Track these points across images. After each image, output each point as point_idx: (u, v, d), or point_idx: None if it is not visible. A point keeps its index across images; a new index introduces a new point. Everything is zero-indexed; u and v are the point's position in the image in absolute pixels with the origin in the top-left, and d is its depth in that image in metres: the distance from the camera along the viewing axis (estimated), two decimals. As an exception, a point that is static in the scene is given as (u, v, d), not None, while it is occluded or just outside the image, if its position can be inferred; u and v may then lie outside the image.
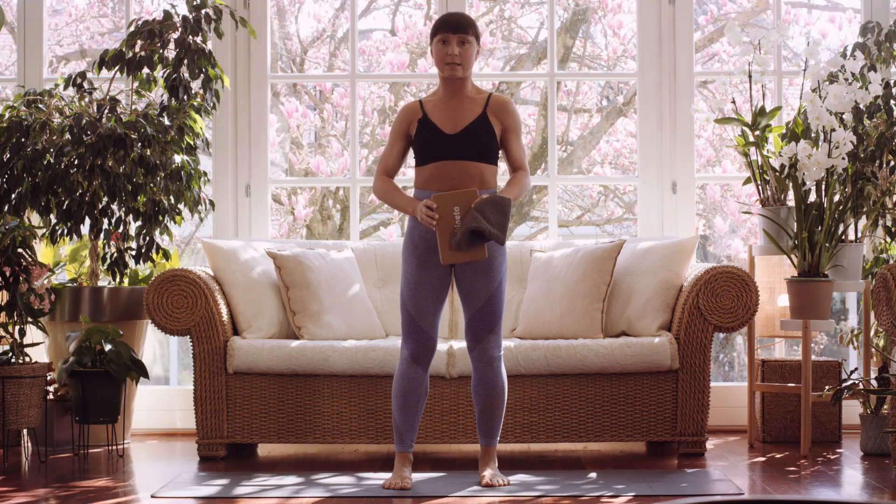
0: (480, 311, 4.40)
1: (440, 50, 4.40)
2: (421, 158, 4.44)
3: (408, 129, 4.49)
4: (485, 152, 4.40)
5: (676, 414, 5.02)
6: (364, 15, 8.51)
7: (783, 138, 5.43)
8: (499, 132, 4.45)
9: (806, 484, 4.45)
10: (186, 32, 5.57)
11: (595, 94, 8.70)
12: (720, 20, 8.35)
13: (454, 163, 4.38)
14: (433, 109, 4.46)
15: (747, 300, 5.04)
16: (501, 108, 4.45)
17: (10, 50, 8.48)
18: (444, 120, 4.43)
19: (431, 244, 4.40)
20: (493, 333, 4.43)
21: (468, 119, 4.42)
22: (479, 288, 4.39)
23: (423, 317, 4.40)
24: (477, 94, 4.48)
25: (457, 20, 4.41)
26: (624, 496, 4.21)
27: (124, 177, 5.48)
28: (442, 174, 4.39)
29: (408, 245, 4.45)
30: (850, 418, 5.78)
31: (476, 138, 4.39)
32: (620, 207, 8.64)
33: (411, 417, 4.45)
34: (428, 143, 4.41)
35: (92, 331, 5.14)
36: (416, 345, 4.41)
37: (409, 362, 4.43)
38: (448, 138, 4.39)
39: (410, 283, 4.42)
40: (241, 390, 5.06)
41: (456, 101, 4.45)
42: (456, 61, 4.38)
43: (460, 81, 4.44)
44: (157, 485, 4.49)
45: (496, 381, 4.45)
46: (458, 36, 4.39)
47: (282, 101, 8.30)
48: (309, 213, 8.09)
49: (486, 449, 4.52)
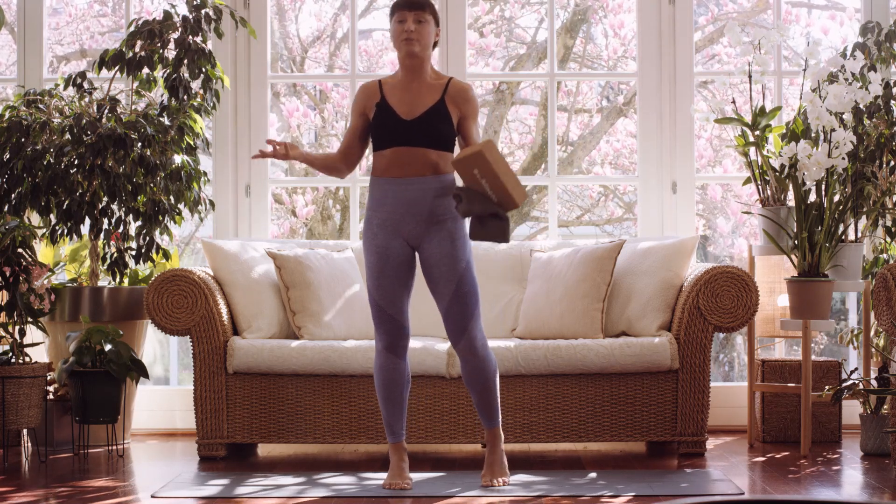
0: (454, 297, 4.34)
1: (397, 28, 4.38)
2: (377, 143, 4.41)
3: (364, 109, 4.47)
4: (440, 139, 4.37)
5: (676, 414, 5.02)
6: (364, 15, 8.51)
7: (783, 138, 5.43)
8: (456, 119, 4.42)
9: (806, 484, 4.45)
10: (186, 32, 5.57)
11: (595, 94, 8.70)
12: (720, 20, 8.35)
13: (410, 149, 4.36)
14: (391, 92, 4.43)
15: (747, 300, 5.04)
16: (460, 95, 4.42)
17: (10, 50, 8.48)
18: (402, 104, 4.40)
19: (389, 229, 4.36)
20: (473, 318, 4.36)
21: (426, 105, 4.39)
22: (447, 270, 4.34)
23: (391, 304, 4.37)
24: (436, 80, 4.44)
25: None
26: (624, 496, 4.21)
27: (124, 177, 5.48)
28: (398, 160, 4.36)
29: (367, 234, 4.42)
30: (850, 418, 5.78)
31: (432, 125, 4.36)
32: (620, 207, 8.64)
33: (397, 408, 4.43)
34: (384, 127, 4.38)
35: (92, 331, 5.14)
36: (388, 334, 4.39)
37: (385, 353, 4.41)
38: (404, 124, 4.37)
39: (374, 271, 4.38)
40: (241, 390, 5.06)
41: (415, 86, 4.42)
42: (412, 36, 4.35)
43: (419, 63, 4.40)
44: (157, 485, 4.49)
45: (487, 367, 4.41)
46: (415, 13, 4.37)
47: (282, 100, 8.30)
48: (310, 211, 8.09)
49: (490, 432, 4.50)
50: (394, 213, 4.36)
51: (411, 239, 4.37)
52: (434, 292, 4.39)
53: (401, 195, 4.35)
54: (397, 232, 4.36)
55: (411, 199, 4.34)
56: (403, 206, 4.35)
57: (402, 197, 4.35)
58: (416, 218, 4.35)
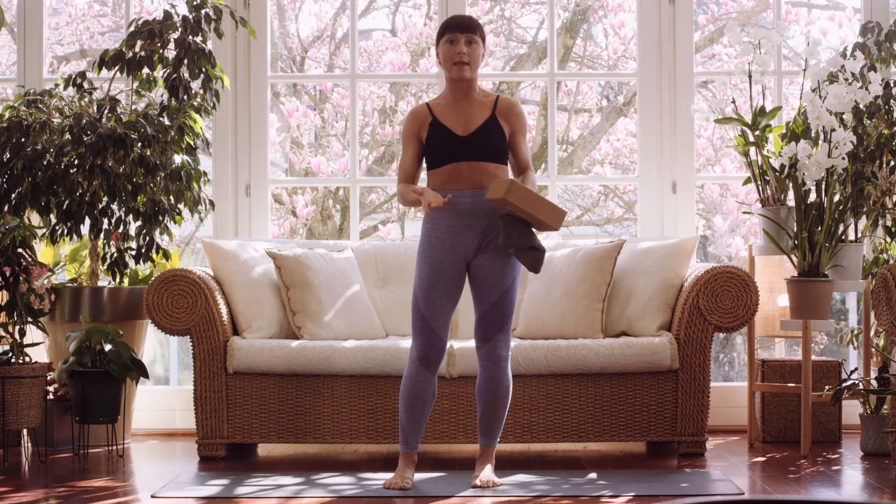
0: (492, 307, 4.39)
1: (448, 50, 4.40)
2: (434, 161, 4.43)
3: (418, 133, 4.48)
4: (497, 153, 4.41)
5: (676, 414, 5.02)
6: (364, 15, 8.51)
7: (783, 138, 5.43)
8: (507, 134, 4.46)
9: (806, 484, 4.45)
10: (186, 32, 5.57)
11: (595, 93, 8.70)
12: (720, 20, 8.35)
13: (468, 164, 4.39)
14: (442, 112, 4.46)
15: (747, 300, 5.04)
16: (510, 111, 4.46)
17: (10, 50, 8.48)
18: (455, 122, 4.43)
19: (447, 245, 4.39)
20: (503, 332, 4.42)
21: (479, 121, 4.42)
22: (493, 284, 4.38)
23: (436, 318, 4.39)
24: (485, 97, 4.48)
25: (464, 20, 4.42)
26: (624, 496, 4.21)
27: (124, 177, 5.48)
28: (457, 175, 4.39)
29: (424, 245, 4.43)
30: (850, 418, 5.78)
31: (488, 139, 4.40)
32: (620, 207, 8.64)
33: (417, 420, 4.44)
34: (441, 145, 4.41)
35: (92, 331, 5.14)
36: (426, 346, 4.40)
37: (418, 364, 4.41)
38: (461, 140, 4.40)
39: (425, 283, 4.40)
40: (241, 390, 5.06)
41: (465, 104, 4.45)
42: (464, 60, 4.38)
43: (468, 83, 4.43)
44: (157, 485, 4.49)
45: (502, 381, 4.44)
46: (466, 35, 4.39)
47: (282, 100, 8.30)
48: (310, 211, 8.09)
49: (484, 449, 4.51)
50: (453, 227, 4.38)
51: (467, 253, 4.40)
52: (474, 297, 4.44)
53: (460, 207, 4.37)
54: (454, 248, 4.39)
55: (470, 210, 4.37)
56: (462, 217, 4.38)
57: (461, 209, 4.37)
58: (474, 230, 4.38)
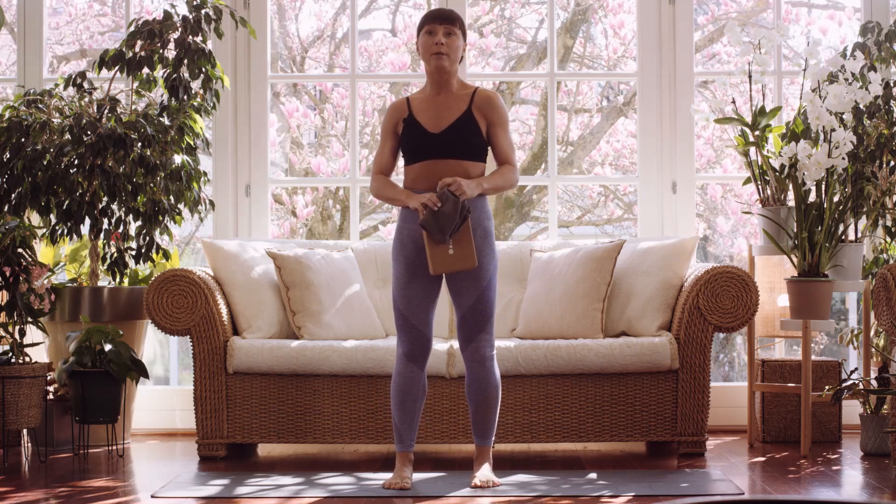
0: (471, 309, 4.39)
1: (426, 41, 4.40)
2: (407, 157, 4.45)
3: (395, 128, 4.49)
4: (469, 150, 4.39)
5: (676, 414, 5.02)
6: (364, 15, 8.51)
7: (783, 138, 5.43)
8: (484, 127, 4.43)
9: (806, 484, 4.45)
10: (186, 32, 5.57)
11: (595, 94, 8.70)
12: (720, 20, 8.34)
13: (440, 161, 4.38)
14: (419, 107, 4.45)
15: (747, 300, 5.04)
16: (486, 103, 4.43)
17: (10, 50, 8.48)
18: (429, 118, 4.42)
19: (420, 243, 4.39)
20: (485, 332, 4.41)
21: (452, 117, 4.41)
22: (469, 287, 4.38)
23: (415, 315, 4.40)
24: (462, 90, 4.47)
25: (444, 12, 4.42)
26: (624, 496, 4.21)
27: (124, 177, 5.48)
28: (428, 173, 4.39)
29: (396, 244, 4.44)
30: (850, 418, 5.78)
31: (460, 136, 4.38)
32: (620, 208, 8.64)
33: (410, 417, 4.44)
34: (412, 142, 4.41)
35: (92, 331, 5.14)
36: (411, 343, 4.41)
37: (405, 361, 4.43)
38: (432, 137, 4.39)
39: (401, 282, 4.41)
40: (241, 390, 5.06)
41: (441, 98, 4.44)
42: (442, 50, 4.37)
43: (446, 76, 4.42)
44: (157, 485, 4.49)
45: (489, 380, 4.44)
46: (445, 27, 4.39)
47: (282, 100, 8.30)
48: (310, 211, 8.09)
49: (480, 449, 4.51)
50: None
51: None
52: (453, 300, 4.45)
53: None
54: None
55: None
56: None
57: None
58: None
